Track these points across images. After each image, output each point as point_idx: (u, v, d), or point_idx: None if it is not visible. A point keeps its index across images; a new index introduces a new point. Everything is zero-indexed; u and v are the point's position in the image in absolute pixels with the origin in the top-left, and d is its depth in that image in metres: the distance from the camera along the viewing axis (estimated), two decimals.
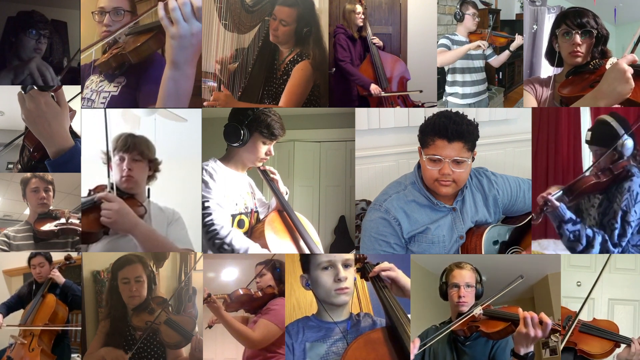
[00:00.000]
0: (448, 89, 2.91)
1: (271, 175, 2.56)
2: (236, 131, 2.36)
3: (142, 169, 2.40)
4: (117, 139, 2.39)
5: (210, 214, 2.29)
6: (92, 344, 2.54)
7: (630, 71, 2.18)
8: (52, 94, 2.18)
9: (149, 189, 2.47)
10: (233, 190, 2.41)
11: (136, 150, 2.38)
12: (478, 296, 2.26)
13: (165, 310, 2.53)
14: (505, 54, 2.92)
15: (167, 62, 2.19)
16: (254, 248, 2.33)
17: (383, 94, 2.70)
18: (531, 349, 1.99)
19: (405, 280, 2.16)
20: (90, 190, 2.34)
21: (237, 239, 2.30)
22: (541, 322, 1.96)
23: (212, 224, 2.28)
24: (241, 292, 2.44)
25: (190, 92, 2.26)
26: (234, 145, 2.39)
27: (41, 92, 2.16)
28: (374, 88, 2.69)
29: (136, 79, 2.45)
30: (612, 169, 2.36)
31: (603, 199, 2.43)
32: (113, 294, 2.55)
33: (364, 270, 2.25)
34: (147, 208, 2.40)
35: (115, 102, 2.46)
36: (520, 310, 2.02)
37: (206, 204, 2.29)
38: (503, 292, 2.13)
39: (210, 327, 2.43)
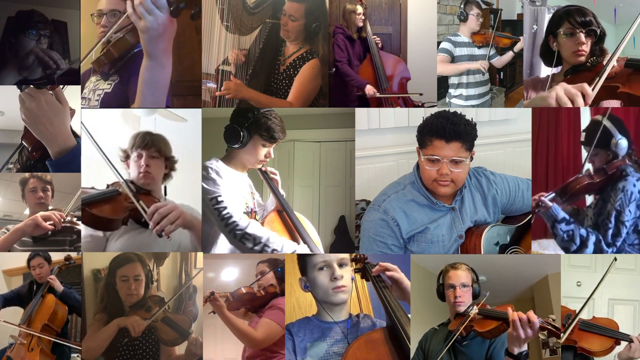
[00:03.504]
0: (453, 92, 2.91)
1: (271, 176, 2.56)
2: (236, 133, 2.36)
3: (159, 166, 2.44)
4: (136, 136, 2.43)
5: (225, 207, 2.28)
6: (90, 330, 2.55)
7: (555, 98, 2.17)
8: (51, 92, 2.18)
9: (165, 187, 2.49)
10: (234, 190, 2.41)
11: (154, 147, 2.41)
12: (475, 295, 2.26)
13: (163, 309, 2.54)
14: (509, 55, 2.91)
15: (144, 54, 2.23)
16: (274, 237, 2.30)
17: (378, 94, 2.70)
18: (524, 348, 1.99)
19: (406, 283, 2.17)
20: (108, 185, 2.39)
21: (258, 228, 2.31)
22: (529, 321, 1.96)
23: (231, 216, 2.27)
24: (244, 290, 2.43)
25: (168, 81, 2.28)
26: (234, 146, 2.39)
27: (41, 90, 2.16)
28: (369, 89, 2.69)
29: (127, 76, 2.47)
30: (606, 169, 2.36)
31: (598, 200, 2.43)
32: (110, 291, 2.57)
33: (364, 270, 2.26)
34: None
35: (108, 99, 2.49)
36: (510, 310, 2.03)
37: (219, 199, 2.28)
38: (481, 302, 2.14)
39: (213, 312, 2.39)
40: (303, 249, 2.29)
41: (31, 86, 2.15)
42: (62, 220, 2.42)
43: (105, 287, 2.59)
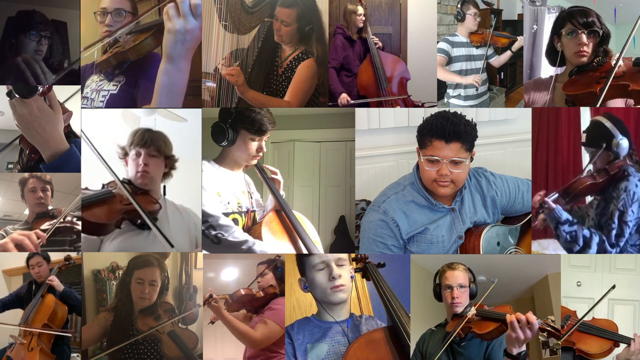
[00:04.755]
0: (451, 92, 2.91)
1: (272, 175, 2.55)
2: (221, 130, 2.35)
3: (158, 165, 2.39)
4: (135, 133, 2.38)
5: None
6: (87, 325, 2.55)
7: None
8: (45, 97, 2.16)
9: (164, 186, 2.46)
10: (226, 189, 2.40)
11: (153, 146, 2.36)
12: (472, 295, 2.26)
13: (172, 322, 2.52)
14: (507, 54, 2.91)
15: (163, 56, 2.24)
16: (226, 220, 2.30)
17: (352, 102, 2.66)
18: (523, 348, 2.00)
19: None
20: (103, 184, 2.34)
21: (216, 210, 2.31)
22: (528, 322, 1.97)
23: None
24: (243, 292, 2.43)
25: (185, 86, 2.30)
26: (222, 144, 2.38)
27: (32, 97, 2.12)
28: (343, 97, 2.66)
29: (135, 78, 2.46)
30: (608, 169, 2.36)
31: (600, 200, 2.43)
32: (124, 289, 2.55)
33: (365, 269, 2.26)
34: (162, 205, 2.39)
35: (114, 101, 2.47)
36: (509, 310, 2.03)
37: None
38: (482, 298, 2.14)
39: (212, 323, 2.39)
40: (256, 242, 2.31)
41: (17, 96, 2.11)
42: (41, 243, 2.23)
43: (121, 285, 2.57)
